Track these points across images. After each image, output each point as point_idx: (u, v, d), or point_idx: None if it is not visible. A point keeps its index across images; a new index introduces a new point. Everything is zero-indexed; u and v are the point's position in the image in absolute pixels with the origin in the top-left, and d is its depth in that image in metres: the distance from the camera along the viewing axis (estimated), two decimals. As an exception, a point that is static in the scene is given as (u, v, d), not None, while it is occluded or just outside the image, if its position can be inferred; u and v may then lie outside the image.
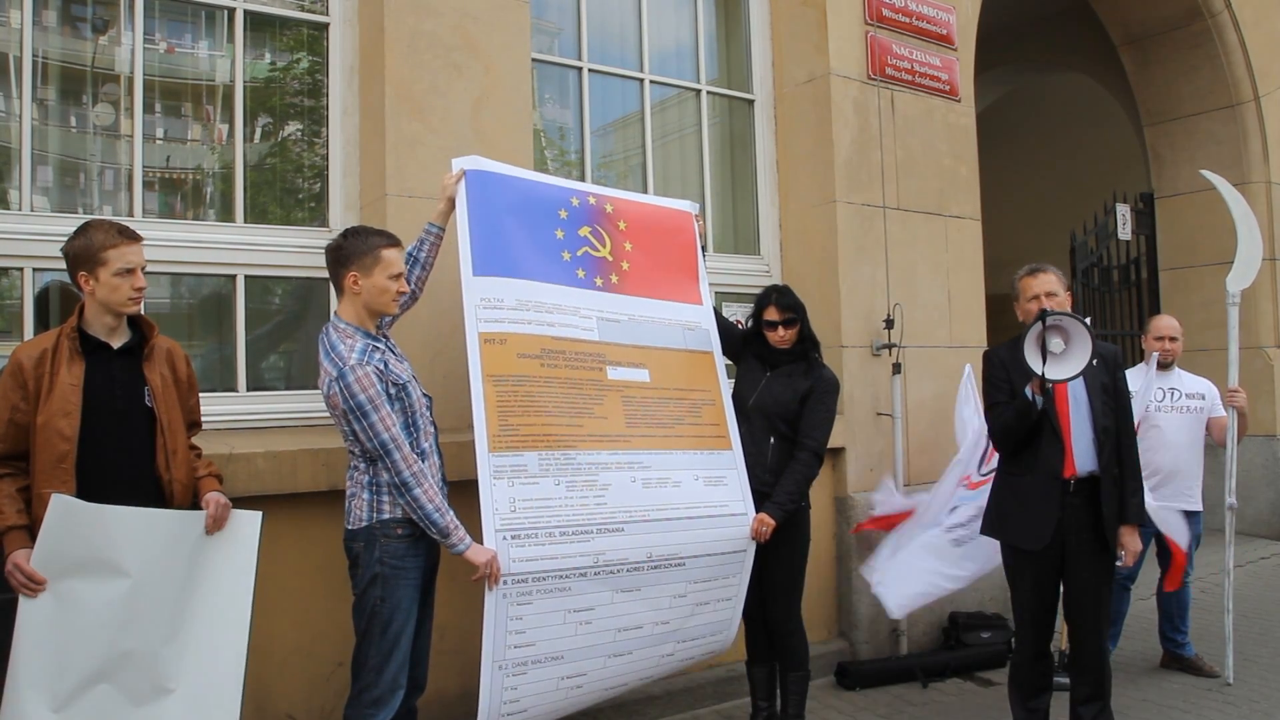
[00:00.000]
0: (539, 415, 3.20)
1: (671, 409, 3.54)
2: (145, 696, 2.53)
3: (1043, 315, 3.16)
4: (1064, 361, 3.15)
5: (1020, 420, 3.34)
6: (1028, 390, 3.26)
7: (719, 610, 3.53)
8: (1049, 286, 3.46)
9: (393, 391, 2.87)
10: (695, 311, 3.80)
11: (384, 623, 2.86)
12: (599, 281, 3.56)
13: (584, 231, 3.57)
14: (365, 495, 2.89)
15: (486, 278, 3.23)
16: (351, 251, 2.92)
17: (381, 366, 2.86)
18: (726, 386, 3.74)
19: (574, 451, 3.23)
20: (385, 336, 3.07)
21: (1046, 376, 3.15)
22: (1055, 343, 3.15)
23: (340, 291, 2.98)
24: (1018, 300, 3.55)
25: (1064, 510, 3.33)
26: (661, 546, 3.31)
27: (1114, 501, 3.34)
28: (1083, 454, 3.34)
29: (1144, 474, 4.33)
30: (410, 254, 3.25)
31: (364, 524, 2.88)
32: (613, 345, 3.48)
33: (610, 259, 3.63)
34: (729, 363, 3.92)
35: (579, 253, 3.54)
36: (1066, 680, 3.67)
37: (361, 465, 2.90)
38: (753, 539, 3.52)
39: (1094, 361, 3.37)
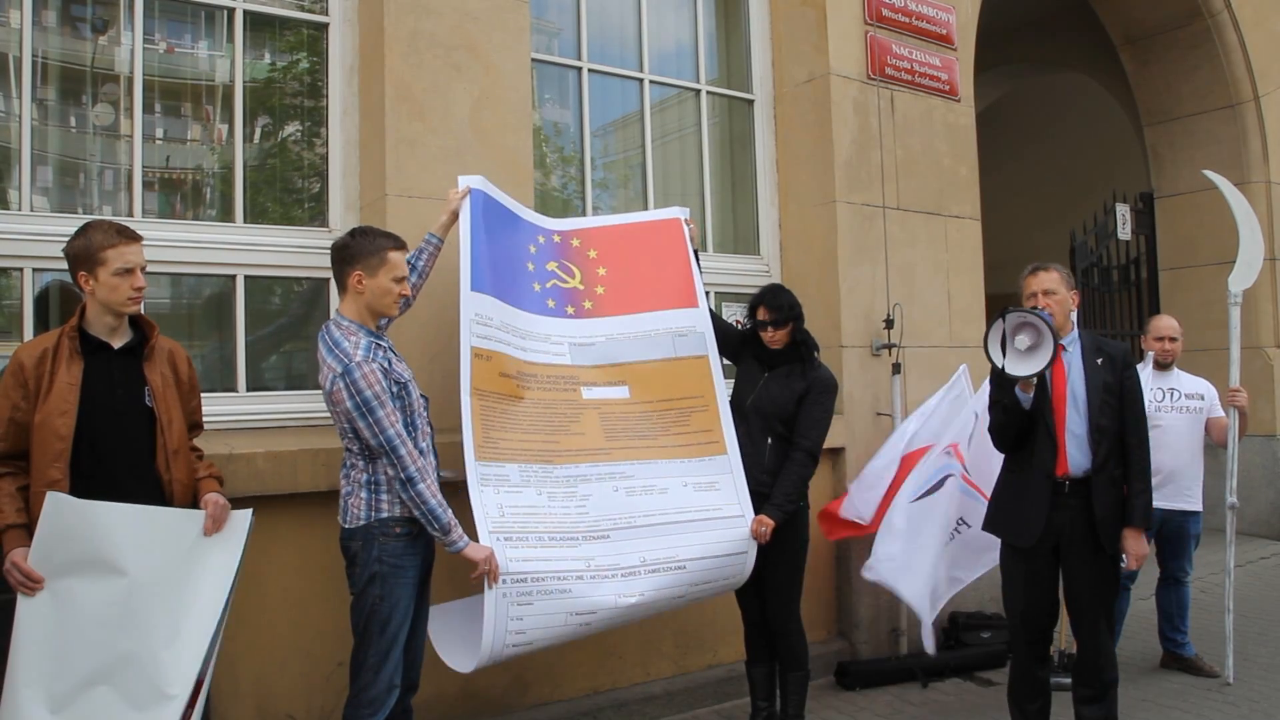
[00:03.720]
0: (515, 431, 3.28)
1: (655, 421, 3.59)
2: (145, 700, 2.51)
3: (1003, 312, 3.17)
4: (1031, 358, 3.15)
5: (1007, 417, 3.35)
6: (1017, 388, 3.27)
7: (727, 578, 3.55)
8: (1046, 285, 3.43)
9: (394, 390, 2.88)
10: (689, 315, 3.78)
11: (382, 622, 2.85)
12: (570, 310, 3.65)
13: (551, 266, 3.67)
14: (363, 494, 2.88)
15: (481, 295, 3.31)
16: (358, 251, 2.94)
17: (386, 364, 2.88)
18: (723, 389, 3.74)
19: (552, 465, 3.30)
20: (384, 336, 3.08)
21: (1008, 372, 3.16)
22: (1020, 339, 3.16)
23: (343, 290, 2.99)
24: (1024, 299, 3.54)
25: (1057, 510, 3.32)
26: (654, 550, 3.33)
27: (1108, 503, 3.30)
28: (1077, 454, 3.32)
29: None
30: (409, 261, 3.26)
31: (362, 522, 2.87)
32: (587, 368, 3.57)
33: (581, 288, 3.71)
34: (728, 363, 3.92)
35: (548, 285, 3.64)
36: (1066, 680, 3.67)
37: (360, 463, 2.90)
38: (754, 540, 3.51)
39: (1098, 360, 3.36)
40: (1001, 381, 3.32)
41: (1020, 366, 3.15)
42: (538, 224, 3.74)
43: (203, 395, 2.97)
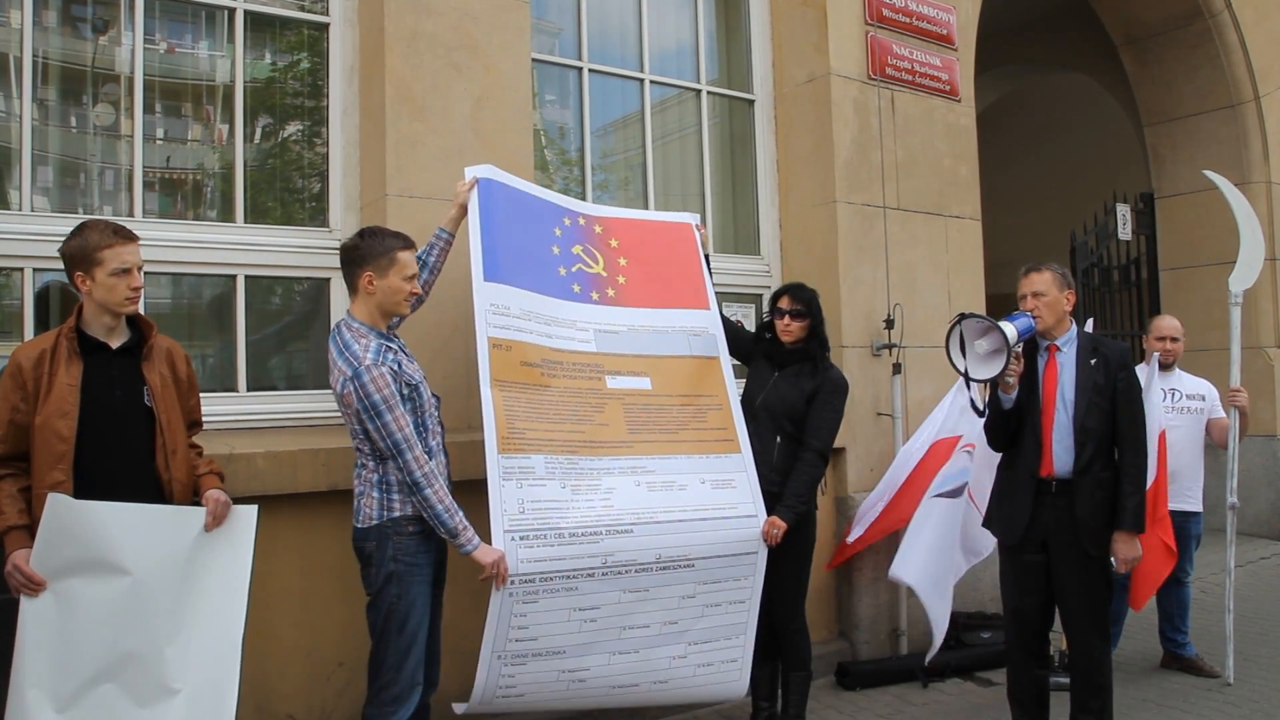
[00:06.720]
0: (541, 421, 3.24)
1: (675, 414, 3.57)
2: (150, 697, 2.52)
3: (960, 317, 3.22)
4: (992, 361, 3.18)
5: (993, 417, 3.39)
6: (999, 389, 3.30)
7: (732, 613, 3.49)
8: (1036, 287, 3.39)
9: (405, 391, 2.90)
10: (702, 317, 3.80)
11: (401, 620, 2.87)
12: (595, 295, 3.62)
13: (576, 250, 3.65)
14: (375, 494, 2.90)
15: (496, 284, 3.28)
16: (368, 252, 2.95)
17: (396, 367, 2.89)
18: (735, 390, 3.75)
19: (577, 457, 3.26)
20: (396, 336, 3.09)
21: (971, 376, 3.21)
22: (981, 343, 3.18)
23: (354, 291, 3.00)
24: (1017, 299, 3.54)
25: (1042, 509, 3.33)
26: (670, 548, 3.31)
27: (1092, 505, 3.28)
28: (1063, 454, 3.32)
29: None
30: (419, 258, 3.26)
31: (374, 522, 2.89)
32: (611, 355, 3.54)
33: (604, 275, 3.69)
34: (738, 364, 3.92)
35: (573, 269, 3.61)
36: (1066, 680, 3.66)
37: (370, 464, 2.92)
38: (764, 541, 3.51)
39: (1092, 361, 3.36)
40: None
41: (982, 370, 3.19)
42: (563, 205, 3.71)
43: (203, 395, 2.98)
